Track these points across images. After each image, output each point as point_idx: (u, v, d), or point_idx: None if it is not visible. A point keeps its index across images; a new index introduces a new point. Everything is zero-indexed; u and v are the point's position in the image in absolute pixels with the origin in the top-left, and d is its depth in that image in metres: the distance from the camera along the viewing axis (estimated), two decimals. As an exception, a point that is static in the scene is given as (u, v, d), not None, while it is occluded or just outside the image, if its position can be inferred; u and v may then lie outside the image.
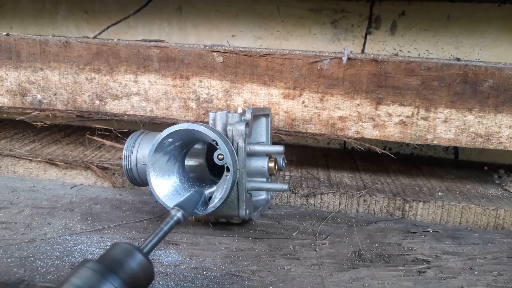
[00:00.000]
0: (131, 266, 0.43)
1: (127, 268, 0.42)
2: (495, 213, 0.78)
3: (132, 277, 0.42)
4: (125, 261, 0.43)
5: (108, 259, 0.43)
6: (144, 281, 0.44)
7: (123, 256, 0.43)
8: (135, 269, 0.43)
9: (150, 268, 0.44)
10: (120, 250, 0.44)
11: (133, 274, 0.42)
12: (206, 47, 0.81)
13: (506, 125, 0.77)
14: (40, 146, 0.97)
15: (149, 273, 0.44)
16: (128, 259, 0.43)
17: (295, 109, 0.81)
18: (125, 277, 0.42)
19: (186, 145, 0.68)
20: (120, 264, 0.42)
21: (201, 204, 0.64)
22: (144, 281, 0.44)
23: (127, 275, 0.42)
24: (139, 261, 0.43)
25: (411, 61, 0.77)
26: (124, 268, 0.42)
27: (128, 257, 0.43)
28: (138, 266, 0.43)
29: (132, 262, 0.43)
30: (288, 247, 0.68)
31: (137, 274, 0.43)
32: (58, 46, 0.85)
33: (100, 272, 0.40)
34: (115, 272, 0.41)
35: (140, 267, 0.43)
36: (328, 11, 1.09)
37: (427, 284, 0.59)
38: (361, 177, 0.91)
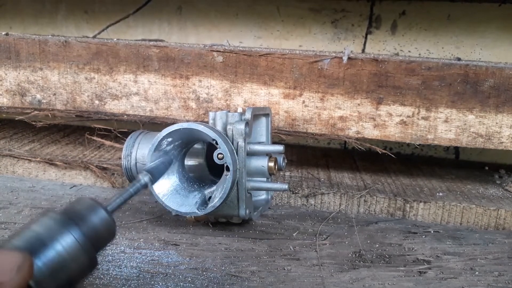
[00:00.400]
0: (93, 221, 0.42)
1: (89, 222, 0.42)
2: (496, 214, 0.78)
3: (93, 231, 0.42)
4: (88, 215, 0.42)
5: (71, 212, 0.43)
6: (105, 238, 0.44)
7: (86, 210, 0.43)
8: (97, 224, 0.43)
9: (112, 226, 0.44)
10: (83, 205, 0.44)
11: (95, 228, 0.42)
12: (206, 47, 0.81)
13: (507, 125, 0.77)
14: (40, 146, 0.97)
15: (111, 230, 0.44)
16: (90, 213, 0.43)
17: (295, 109, 0.81)
18: (86, 230, 0.41)
19: (185, 145, 0.68)
20: (82, 217, 0.42)
21: (200, 203, 0.64)
22: (105, 237, 0.44)
23: (88, 228, 0.42)
24: (102, 217, 0.43)
25: (411, 60, 0.77)
26: (86, 221, 0.42)
27: (91, 212, 0.43)
28: (100, 222, 0.43)
29: (94, 217, 0.43)
30: (288, 248, 0.67)
31: (99, 230, 0.43)
32: (57, 45, 0.85)
33: (62, 221, 0.40)
34: (77, 224, 0.41)
35: (102, 223, 0.43)
36: (329, 10, 1.08)
37: (427, 284, 0.59)
38: (362, 177, 0.91)
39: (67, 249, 0.39)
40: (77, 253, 0.40)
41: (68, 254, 0.39)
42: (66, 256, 0.39)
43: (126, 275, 0.58)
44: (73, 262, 0.39)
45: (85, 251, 0.40)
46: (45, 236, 0.39)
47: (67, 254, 0.39)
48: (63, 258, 0.39)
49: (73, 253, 0.40)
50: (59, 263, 0.39)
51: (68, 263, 0.39)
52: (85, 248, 0.40)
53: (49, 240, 0.39)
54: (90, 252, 0.41)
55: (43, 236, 0.39)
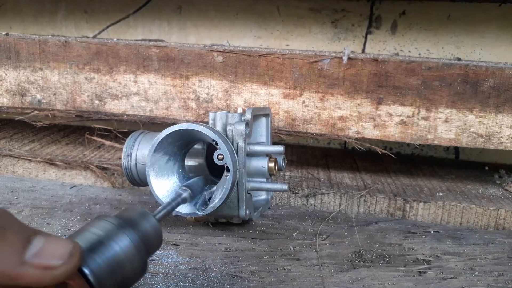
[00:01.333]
0: (145, 226, 0.44)
1: (142, 227, 0.43)
2: (496, 214, 0.78)
3: (146, 236, 0.43)
4: (140, 221, 0.44)
5: (125, 217, 0.44)
6: (155, 244, 0.45)
7: (138, 217, 0.44)
8: (149, 229, 0.44)
9: (161, 233, 0.46)
10: (134, 212, 0.45)
11: (147, 233, 0.44)
12: (206, 47, 0.81)
13: (507, 125, 0.77)
14: (40, 146, 0.97)
15: (160, 237, 0.46)
16: (142, 219, 0.44)
17: (295, 109, 0.81)
18: (140, 234, 0.43)
19: (185, 145, 0.68)
20: (135, 222, 0.43)
21: (201, 204, 0.64)
22: (155, 243, 0.45)
23: (141, 233, 0.43)
24: (153, 224, 0.45)
25: (411, 60, 0.77)
26: (139, 226, 0.43)
27: (142, 218, 0.44)
28: (152, 228, 0.44)
29: (146, 223, 0.44)
30: (288, 248, 0.67)
31: (150, 235, 0.44)
32: (57, 45, 0.85)
33: (118, 224, 0.42)
34: (132, 228, 0.42)
35: (153, 229, 0.44)
36: (329, 10, 1.08)
37: (427, 284, 0.59)
38: (362, 177, 0.91)
39: (123, 249, 0.40)
40: (132, 254, 0.41)
41: (124, 255, 0.40)
42: (123, 256, 0.40)
43: (126, 275, 0.58)
44: (128, 263, 0.40)
45: (139, 253, 0.41)
46: (103, 237, 0.40)
47: (123, 255, 0.40)
48: (120, 258, 0.40)
49: (129, 254, 0.41)
50: (117, 262, 0.39)
51: (124, 264, 0.40)
52: (140, 250, 0.42)
53: (107, 240, 0.40)
54: (143, 255, 0.42)
55: (101, 237, 0.40)
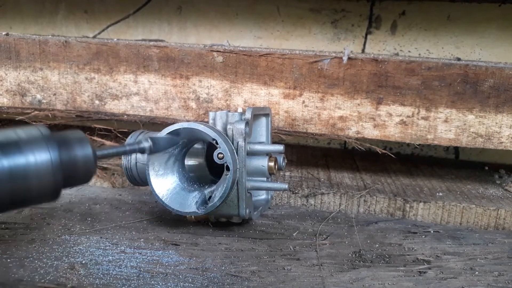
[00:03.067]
0: (76, 152, 0.42)
1: (72, 151, 0.41)
2: (495, 213, 0.78)
3: (71, 161, 0.41)
4: (74, 145, 0.42)
5: (61, 135, 0.42)
6: (80, 175, 0.43)
7: (75, 140, 0.42)
8: (78, 157, 0.42)
9: (91, 167, 0.43)
10: (76, 135, 0.43)
11: (74, 159, 0.41)
12: (206, 47, 0.81)
13: (506, 125, 0.77)
14: (40, 146, 0.97)
15: (88, 171, 0.43)
16: (77, 145, 0.42)
17: (295, 109, 0.81)
18: (65, 157, 0.40)
19: (186, 145, 0.68)
20: (67, 144, 0.41)
21: (201, 203, 0.64)
22: (81, 175, 0.43)
23: (67, 157, 0.41)
24: (86, 154, 0.42)
25: (411, 60, 0.77)
26: (69, 149, 0.41)
27: (78, 144, 0.42)
28: (83, 157, 0.42)
29: (79, 150, 0.42)
30: (288, 248, 0.67)
31: (77, 163, 0.42)
32: (57, 46, 0.85)
33: (47, 137, 0.39)
34: (59, 147, 0.40)
35: (84, 159, 0.42)
36: (328, 11, 1.08)
37: (427, 284, 0.59)
38: (362, 177, 0.91)
39: (38, 164, 0.38)
40: (45, 173, 0.38)
41: (36, 169, 0.38)
42: (34, 170, 0.38)
43: (126, 275, 0.58)
44: (36, 178, 0.38)
45: (53, 174, 0.39)
46: (24, 143, 0.38)
47: (35, 169, 0.38)
48: (29, 170, 0.38)
49: (41, 171, 0.38)
50: (23, 173, 0.37)
51: (32, 178, 0.38)
52: (55, 172, 0.39)
53: (25, 148, 0.38)
54: (58, 179, 0.40)
55: (22, 142, 0.38)
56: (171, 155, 0.66)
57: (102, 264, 0.60)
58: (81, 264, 0.59)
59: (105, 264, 0.60)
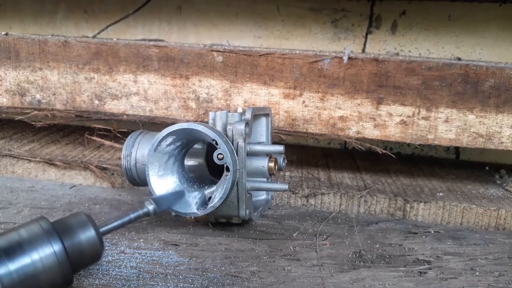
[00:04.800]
0: (79, 238, 0.42)
1: (75, 238, 0.42)
2: (496, 214, 0.77)
3: (76, 248, 0.42)
4: (76, 231, 0.42)
5: (62, 223, 0.42)
6: (88, 258, 0.43)
7: (76, 225, 0.43)
8: (83, 242, 0.42)
9: (98, 248, 0.44)
10: (76, 219, 0.43)
11: (79, 246, 0.42)
12: (206, 47, 0.81)
13: (507, 125, 0.77)
14: (39, 146, 0.97)
15: (96, 252, 0.44)
16: (79, 230, 0.42)
17: (296, 109, 0.81)
18: (69, 245, 0.41)
19: (185, 145, 0.68)
20: (70, 232, 0.42)
21: (200, 204, 0.64)
22: (88, 258, 0.43)
23: (71, 244, 0.41)
24: (89, 236, 0.43)
25: (412, 60, 0.77)
26: (72, 237, 0.42)
27: (80, 228, 0.43)
28: (87, 241, 0.43)
29: (82, 234, 0.42)
30: (289, 248, 0.67)
31: (83, 248, 0.42)
32: (57, 45, 0.85)
33: (47, 232, 0.40)
34: (61, 238, 0.41)
35: (88, 242, 0.43)
36: (329, 10, 1.08)
37: (428, 284, 0.59)
38: (362, 177, 0.90)
39: (43, 260, 0.39)
40: (52, 266, 0.39)
41: (42, 266, 0.39)
42: (40, 267, 0.39)
43: (126, 275, 0.57)
44: (45, 274, 0.39)
45: (60, 267, 0.40)
46: (26, 242, 0.39)
47: (41, 265, 0.39)
48: (36, 268, 0.38)
49: (48, 265, 0.39)
50: (31, 272, 0.38)
51: (40, 275, 0.39)
52: (62, 263, 0.40)
53: (28, 247, 0.38)
54: (66, 269, 0.40)
55: (24, 242, 0.39)
56: (171, 155, 0.66)
57: (101, 265, 0.59)
58: (80, 265, 0.59)
59: (105, 264, 0.60)
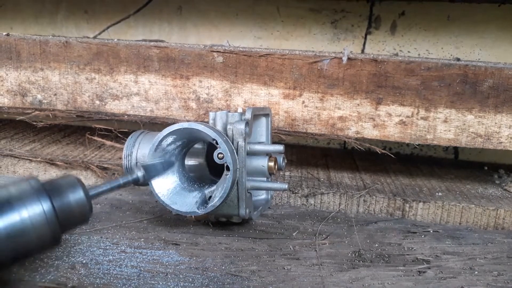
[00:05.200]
0: (68, 198, 0.42)
1: (64, 198, 0.42)
2: (495, 213, 0.78)
3: (64, 207, 0.42)
4: (65, 191, 0.43)
5: (52, 184, 0.43)
6: (76, 218, 0.44)
7: (66, 186, 0.43)
8: (71, 202, 0.43)
9: (86, 209, 0.44)
10: (66, 181, 0.44)
11: (67, 206, 0.42)
12: (206, 47, 0.81)
13: (506, 125, 0.77)
14: (40, 146, 0.97)
15: (84, 213, 0.44)
16: (68, 190, 0.43)
17: (295, 109, 0.81)
18: (58, 204, 0.41)
19: (186, 145, 0.68)
20: (59, 191, 0.42)
21: (201, 203, 0.64)
22: (76, 218, 0.44)
23: (60, 203, 0.42)
24: (78, 197, 0.43)
25: (411, 61, 0.77)
26: (61, 196, 0.42)
27: (69, 189, 0.43)
28: (75, 201, 0.43)
29: (71, 195, 0.43)
30: (288, 247, 0.68)
31: (71, 208, 0.43)
32: (58, 46, 0.85)
33: (37, 189, 0.40)
34: (51, 197, 0.41)
35: (77, 203, 0.43)
36: (328, 11, 1.09)
37: (427, 284, 0.59)
38: (361, 177, 0.91)
39: (32, 217, 0.39)
40: (41, 224, 0.39)
41: (31, 223, 0.39)
42: (29, 224, 0.39)
43: (127, 274, 0.58)
44: (34, 231, 0.39)
45: (49, 225, 0.40)
46: (15, 199, 0.39)
47: (30, 223, 0.39)
48: (25, 225, 0.39)
49: (37, 223, 0.39)
50: (20, 229, 0.38)
51: (29, 232, 0.39)
52: (51, 222, 0.40)
53: (17, 204, 0.39)
54: (55, 228, 0.41)
55: (13, 199, 0.39)
56: (171, 155, 0.66)
57: (102, 264, 0.60)
58: (81, 264, 0.59)
59: (106, 263, 0.60)
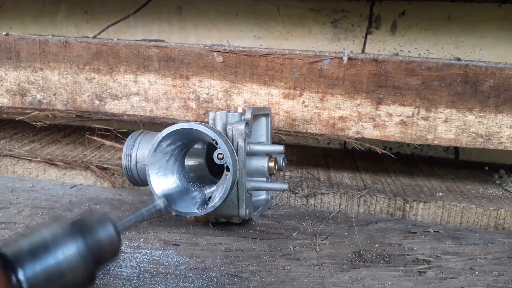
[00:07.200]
0: (99, 235, 0.43)
1: (95, 235, 0.43)
2: (495, 213, 0.78)
3: (97, 245, 0.43)
4: (96, 228, 0.43)
5: (80, 223, 0.43)
6: (108, 255, 0.45)
7: (95, 223, 0.44)
8: (103, 239, 0.43)
9: (117, 244, 0.45)
10: (94, 217, 0.44)
11: (100, 243, 0.43)
12: (206, 47, 0.81)
13: (506, 125, 0.77)
14: (40, 146, 0.97)
15: (115, 248, 0.45)
16: (99, 227, 0.44)
17: (295, 109, 0.81)
18: (91, 242, 0.42)
19: (186, 145, 0.68)
20: (89, 229, 0.43)
21: (200, 203, 0.64)
22: (108, 254, 0.45)
23: (93, 242, 0.42)
24: (109, 233, 0.44)
25: (411, 61, 0.77)
26: (93, 234, 0.43)
27: (99, 226, 0.44)
28: (107, 238, 0.44)
29: (102, 232, 0.43)
30: (288, 248, 0.67)
31: (103, 245, 0.43)
32: (57, 46, 0.85)
33: (69, 230, 0.41)
34: (83, 235, 0.42)
35: (108, 239, 0.44)
36: (328, 10, 1.08)
37: (427, 284, 0.59)
38: (362, 177, 0.91)
39: (67, 258, 0.40)
40: (76, 264, 0.40)
41: (67, 264, 0.40)
42: (65, 265, 0.40)
43: (127, 274, 0.58)
44: (70, 272, 0.40)
45: (84, 264, 0.41)
46: (49, 242, 0.40)
47: (66, 264, 0.40)
48: (61, 267, 0.40)
49: (72, 263, 0.40)
50: (57, 271, 0.39)
51: (66, 273, 0.40)
52: (85, 261, 0.41)
53: (52, 247, 0.40)
54: (90, 266, 0.42)
55: (48, 242, 0.40)
56: (171, 155, 0.66)
57: (102, 264, 0.60)
58: (81, 264, 0.59)
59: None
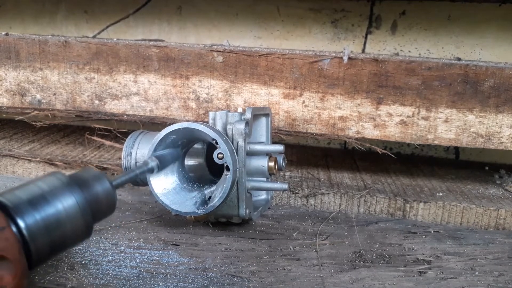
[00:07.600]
0: (96, 189, 0.44)
1: (92, 189, 0.44)
2: (496, 214, 0.78)
3: (94, 199, 0.43)
4: (92, 183, 0.44)
5: (77, 177, 0.44)
6: (105, 209, 0.45)
7: (91, 178, 0.44)
8: (100, 193, 0.44)
9: (113, 199, 0.46)
10: (90, 173, 0.45)
11: (97, 196, 0.44)
12: (206, 47, 0.81)
13: (507, 125, 0.77)
14: (39, 146, 0.97)
15: (112, 202, 0.46)
16: (95, 182, 0.44)
17: (296, 109, 0.81)
18: (88, 196, 0.43)
19: (185, 145, 0.68)
20: (86, 184, 0.43)
21: (200, 203, 0.64)
22: (105, 209, 0.45)
23: (90, 195, 0.43)
24: (105, 188, 0.45)
25: (411, 60, 0.77)
26: (90, 188, 0.43)
27: (95, 181, 0.44)
28: (103, 192, 0.44)
29: (98, 186, 0.44)
30: (289, 248, 0.67)
31: (100, 199, 0.44)
32: (57, 45, 0.85)
33: (67, 183, 0.42)
34: (81, 189, 0.42)
35: (105, 193, 0.44)
36: (328, 10, 1.08)
37: (428, 284, 0.59)
38: (362, 177, 0.91)
39: (66, 209, 0.40)
40: (75, 215, 0.41)
41: (66, 214, 0.40)
42: (64, 215, 0.40)
43: (126, 275, 0.58)
44: (69, 223, 0.40)
45: (83, 215, 0.41)
46: (47, 193, 0.40)
47: (65, 214, 0.40)
48: (60, 217, 0.40)
49: (71, 214, 0.41)
50: (56, 220, 0.40)
51: (65, 223, 0.40)
52: (84, 212, 0.41)
53: (51, 197, 0.40)
54: (88, 218, 0.42)
55: (46, 193, 0.40)
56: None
57: (101, 264, 0.59)
58: (80, 264, 0.59)
59: (105, 264, 0.60)
